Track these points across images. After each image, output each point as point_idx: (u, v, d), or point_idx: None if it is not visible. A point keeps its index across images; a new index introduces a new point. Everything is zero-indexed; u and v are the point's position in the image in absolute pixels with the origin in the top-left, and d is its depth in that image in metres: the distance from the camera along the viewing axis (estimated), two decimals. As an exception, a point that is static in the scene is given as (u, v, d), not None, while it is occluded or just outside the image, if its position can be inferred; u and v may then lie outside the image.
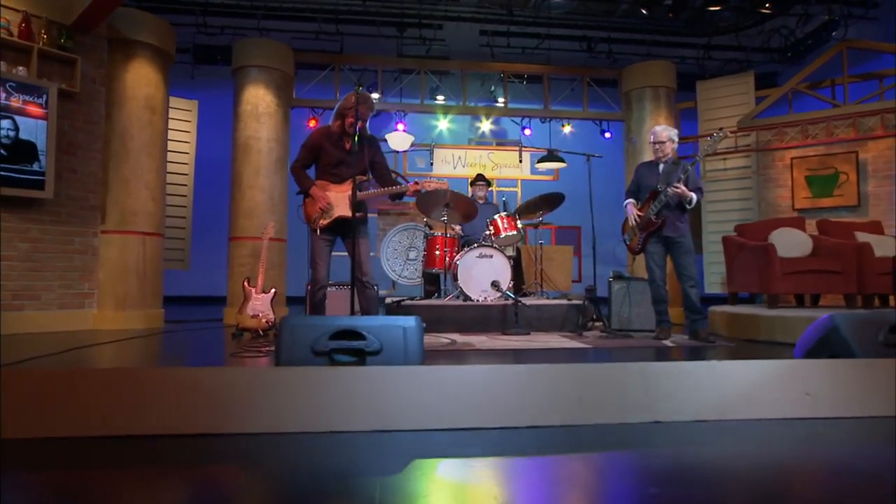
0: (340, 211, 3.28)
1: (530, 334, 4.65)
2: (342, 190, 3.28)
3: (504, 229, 5.23)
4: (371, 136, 3.48)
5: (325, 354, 2.03)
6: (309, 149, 3.43)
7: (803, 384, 2.01)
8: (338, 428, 1.82)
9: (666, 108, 6.41)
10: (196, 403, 1.76)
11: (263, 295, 4.44)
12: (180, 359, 3.54)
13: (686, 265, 4.10)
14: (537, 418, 1.87)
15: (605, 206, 9.68)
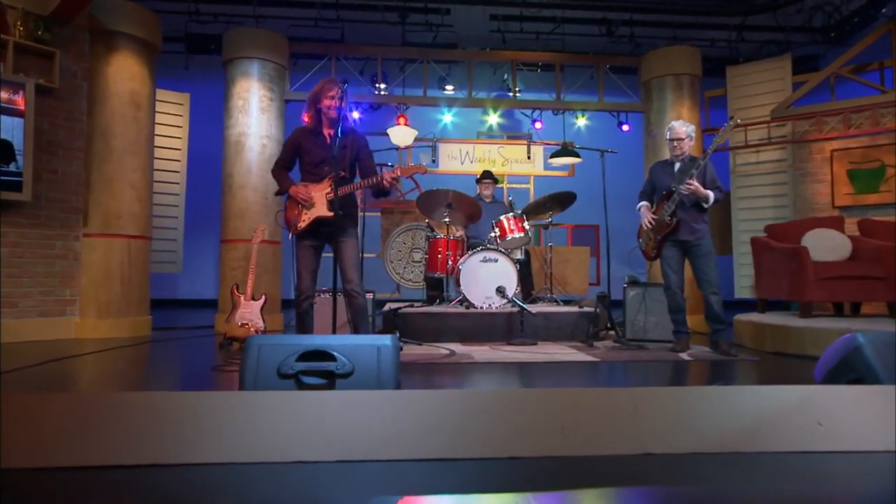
0: (318, 211, 3.25)
1: (537, 344, 4.63)
2: (321, 188, 3.27)
3: (510, 231, 5.20)
4: (353, 129, 3.44)
5: (291, 377, 2.02)
6: (288, 148, 3.43)
7: (815, 412, 1.94)
8: (302, 457, 1.81)
9: (689, 98, 6.29)
10: (148, 431, 1.76)
11: (253, 302, 4.46)
12: (161, 371, 3.58)
13: (705, 270, 4.02)
14: (517, 449, 1.84)
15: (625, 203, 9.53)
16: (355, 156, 3.36)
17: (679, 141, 4.13)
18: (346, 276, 3.29)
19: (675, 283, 4.14)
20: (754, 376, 3.49)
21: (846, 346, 2.30)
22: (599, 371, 3.56)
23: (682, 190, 3.87)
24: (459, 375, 3.44)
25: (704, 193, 3.89)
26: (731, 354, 3.96)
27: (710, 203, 3.94)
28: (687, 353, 4.11)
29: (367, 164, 3.40)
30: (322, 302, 4.42)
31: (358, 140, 3.39)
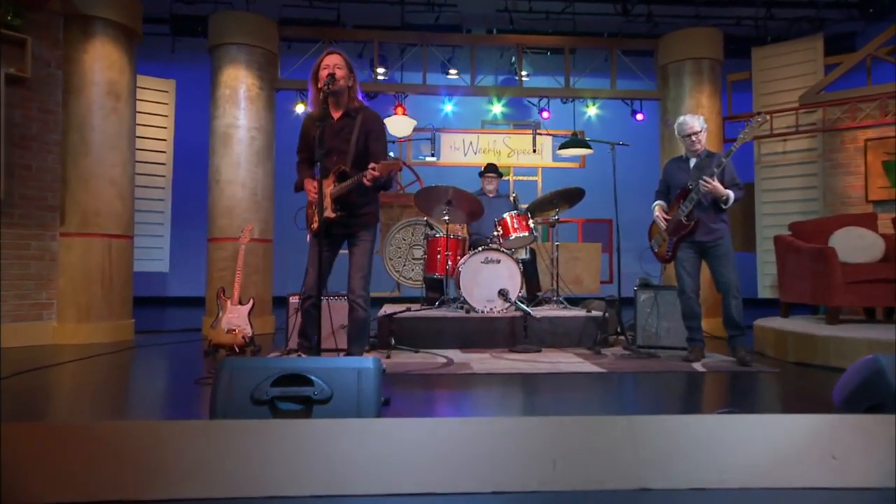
0: (326, 211, 3.15)
1: (541, 351, 4.62)
2: (328, 184, 3.14)
3: (514, 230, 5.16)
4: (364, 107, 3.19)
5: (266, 403, 2.01)
6: (301, 137, 3.32)
7: (829, 445, 1.90)
8: (277, 492, 1.80)
9: (710, 85, 6.18)
10: (109, 464, 1.76)
11: (240, 307, 4.48)
12: (140, 384, 3.60)
13: (724, 272, 3.98)
14: (503, 483, 1.82)
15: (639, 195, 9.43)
16: (363, 140, 3.15)
17: (695, 135, 4.06)
18: (348, 283, 3.23)
19: (689, 288, 4.10)
20: (773, 391, 3.45)
21: (867, 369, 2.25)
22: (605, 384, 3.53)
23: (701, 188, 3.81)
24: (454, 388, 3.42)
25: (724, 192, 3.82)
26: (747, 363, 3.92)
27: (730, 203, 3.88)
28: (701, 362, 4.07)
29: (377, 151, 3.17)
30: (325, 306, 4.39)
31: (367, 121, 3.16)
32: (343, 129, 3.20)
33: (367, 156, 3.18)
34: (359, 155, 3.18)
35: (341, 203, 3.15)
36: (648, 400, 3.18)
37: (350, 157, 3.17)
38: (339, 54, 3.16)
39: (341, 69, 3.11)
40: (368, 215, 3.28)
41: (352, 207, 3.17)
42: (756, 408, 2.94)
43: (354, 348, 3.33)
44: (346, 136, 3.18)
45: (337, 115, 3.22)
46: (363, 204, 3.24)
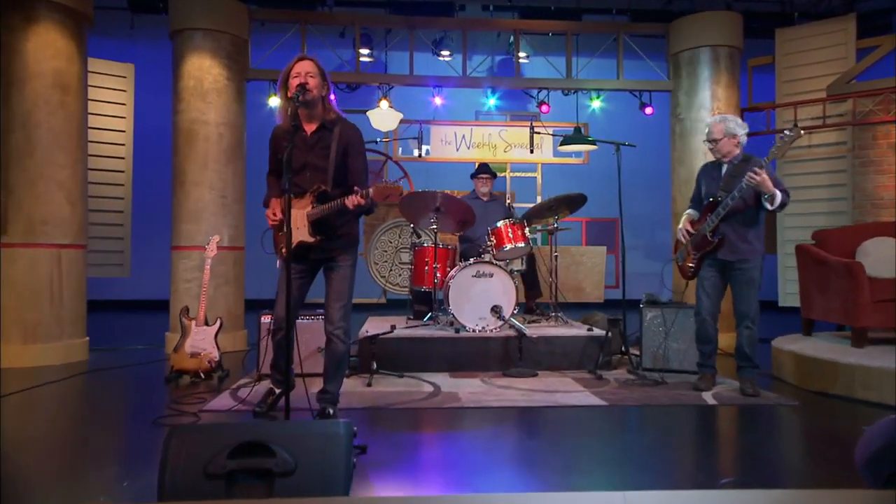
0: (300, 234, 3.10)
1: (537, 375, 4.60)
2: (302, 204, 3.09)
3: (509, 239, 5.11)
4: (342, 119, 3.13)
5: (221, 478, 1.94)
6: (270, 151, 3.27)
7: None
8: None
9: (727, 75, 6.09)
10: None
11: (206, 328, 4.41)
12: (91, 424, 3.52)
13: (743, 300, 3.94)
14: (486, 575, 1.77)
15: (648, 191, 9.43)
16: (343, 154, 3.10)
17: (714, 143, 3.99)
18: (326, 314, 3.19)
19: (706, 309, 4.06)
20: (789, 431, 3.42)
21: (890, 431, 2.20)
22: (606, 421, 3.49)
23: (747, 181, 3.69)
24: (440, 428, 3.37)
25: (771, 189, 3.70)
26: (748, 393, 3.89)
27: (776, 205, 3.75)
28: (712, 392, 4.04)
29: (356, 168, 3.12)
30: (301, 327, 4.32)
31: (346, 134, 3.10)
32: (318, 143, 3.14)
33: (346, 173, 3.13)
34: (337, 172, 3.13)
35: (319, 226, 3.08)
36: (653, 446, 3.13)
37: (329, 175, 3.12)
38: (311, 60, 3.09)
39: (314, 77, 3.05)
40: (348, 236, 3.23)
41: (330, 229, 3.13)
42: (768, 455, 2.90)
43: (332, 385, 3.29)
44: (322, 152, 3.13)
45: (311, 128, 3.15)
46: (342, 224, 3.18)
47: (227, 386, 4.22)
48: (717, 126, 3.98)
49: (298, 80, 3.00)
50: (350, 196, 2.96)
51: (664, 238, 10.99)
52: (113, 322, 8.37)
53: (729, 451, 3.13)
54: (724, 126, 3.96)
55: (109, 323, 8.10)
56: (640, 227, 10.37)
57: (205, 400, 3.79)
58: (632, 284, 4.98)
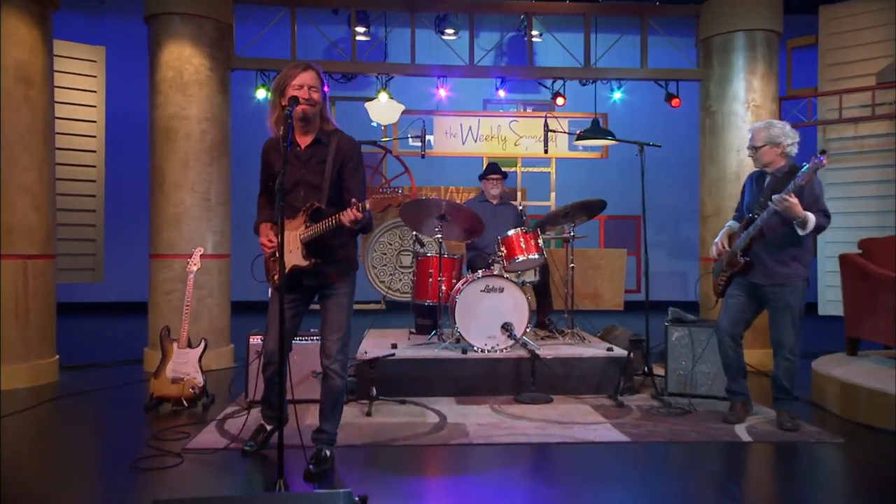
0: (292, 259, 3.06)
1: (552, 401, 4.59)
2: (294, 227, 3.07)
3: (521, 250, 5.06)
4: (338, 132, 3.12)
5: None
6: (262, 168, 3.24)
7: None
8: None
9: (764, 63, 5.96)
10: None
11: (189, 350, 4.38)
12: (56, 466, 3.47)
13: (779, 328, 3.90)
14: None
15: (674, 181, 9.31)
16: (340, 168, 3.08)
17: (754, 151, 3.92)
18: (322, 346, 3.17)
19: (724, 329, 4.05)
20: (834, 478, 3.37)
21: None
22: (629, 463, 3.45)
23: (774, 204, 3.64)
24: (445, 471, 3.35)
25: (801, 214, 3.64)
26: (786, 427, 3.85)
27: (808, 230, 3.69)
28: (745, 424, 4.00)
29: (354, 185, 3.10)
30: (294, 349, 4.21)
31: (343, 148, 3.09)
32: (313, 157, 3.11)
33: (342, 190, 3.10)
34: (333, 189, 3.10)
35: (313, 248, 3.04)
36: (681, 491, 3.10)
37: (324, 193, 3.08)
38: (314, 70, 3.07)
39: (317, 91, 3.02)
40: (346, 261, 3.20)
41: (326, 252, 3.09)
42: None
43: (329, 423, 3.28)
44: (316, 167, 3.10)
45: (305, 142, 3.11)
46: (339, 246, 3.15)
47: (213, 416, 4.19)
48: (760, 132, 3.90)
49: (302, 94, 2.96)
50: (345, 211, 2.91)
51: (689, 234, 10.92)
52: (84, 330, 8.35)
53: (765, 499, 3.09)
54: (768, 133, 3.87)
55: (80, 331, 8.09)
56: (664, 222, 10.30)
57: (188, 435, 3.76)
58: (654, 284, 4.92)
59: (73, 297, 8.96)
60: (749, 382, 4.21)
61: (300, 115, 2.97)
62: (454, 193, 7.84)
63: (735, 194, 5.77)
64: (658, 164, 4.90)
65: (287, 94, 2.97)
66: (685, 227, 10.37)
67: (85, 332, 8.30)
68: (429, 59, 6.62)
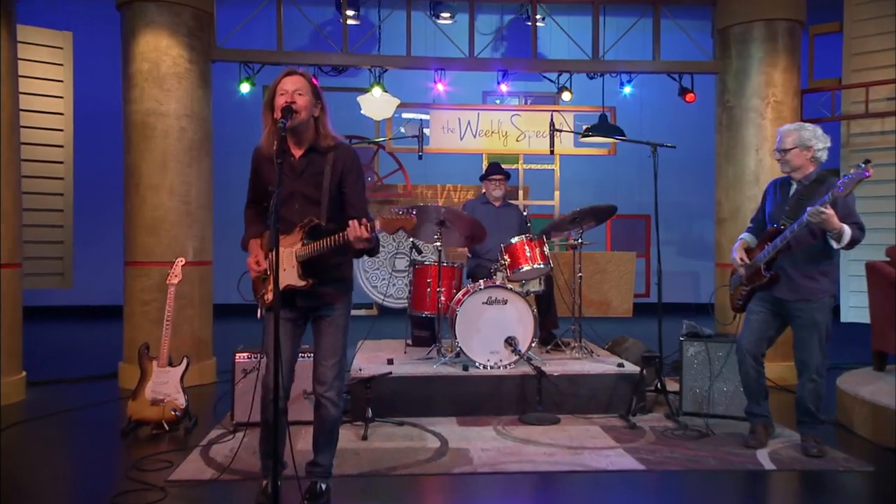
0: (288, 277, 3.00)
1: (559, 422, 4.59)
2: (289, 243, 3.00)
3: (526, 259, 5.05)
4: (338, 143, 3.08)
5: None
6: (251, 177, 3.19)
7: None
8: None
9: (786, 56, 5.92)
10: None
11: (170, 369, 4.34)
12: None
13: (804, 347, 3.88)
14: None
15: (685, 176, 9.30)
16: (340, 181, 3.04)
17: (783, 153, 3.88)
18: (316, 372, 3.11)
19: (745, 347, 4.03)
20: None
21: None
22: (644, 491, 3.46)
23: (808, 218, 3.61)
24: (446, 501, 3.32)
25: (837, 226, 3.61)
26: (811, 453, 3.85)
27: (843, 243, 3.67)
28: (768, 449, 4.00)
29: (355, 199, 3.05)
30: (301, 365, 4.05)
31: (343, 159, 3.04)
32: (308, 168, 3.05)
33: (341, 205, 3.06)
34: (333, 203, 3.05)
35: (310, 266, 2.99)
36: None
37: (323, 208, 3.03)
38: (301, 75, 3.01)
39: (303, 95, 2.96)
40: (343, 281, 3.15)
41: (323, 270, 3.03)
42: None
43: (323, 456, 3.23)
44: (312, 178, 3.04)
45: (298, 152, 3.06)
46: (337, 264, 3.09)
47: (197, 440, 4.16)
48: (790, 134, 3.87)
49: (285, 98, 2.91)
50: (351, 226, 2.84)
51: (701, 232, 10.96)
52: (51, 340, 8.28)
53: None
54: (799, 135, 3.84)
55: (47, 341, 8.02)
56: (674, 220, 10.30)
57: (171, 464, 3.72)
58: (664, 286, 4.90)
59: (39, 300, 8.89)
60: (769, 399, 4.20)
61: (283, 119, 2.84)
62: (451, 192, 7.82)
63: (754, 196, 5.82)
64: (668, 160, 4.87)
65: (276, 105, 2.94)
66: (697, 226, 10.40)
67: (52, 341, 8.22)
68: (424, 48, 6.58)
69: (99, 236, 8.88)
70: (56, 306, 9.86)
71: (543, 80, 6.95)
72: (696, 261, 10.12)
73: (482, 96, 8.06)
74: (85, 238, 7.67)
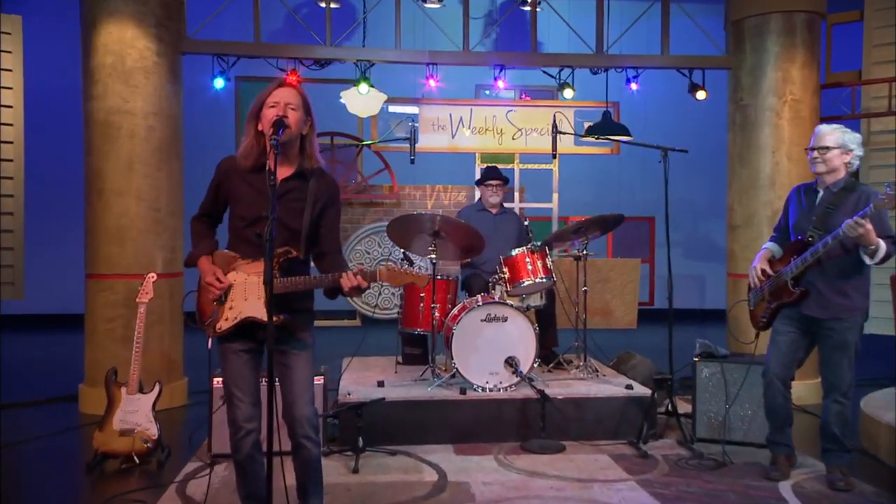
0: (250, 308, 2.96)
1: (564, 450, 4.60)
2: (258, 270, 2.93)
3: (528, 273, 5.06)
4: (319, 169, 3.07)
5: None
6: (210, 188, 3.12)
7: None
8: None
9: (804, 50, 5.92)
10: None
11: (141, 396, 4.30)
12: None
13: (833, 368, 3.90)
14: None
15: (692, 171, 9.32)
16: (319, 214, 3.04)
17: (823, 151, 3.86)
18: (291, 411, 3.02)
19: (775, 371, 4.03)
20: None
21: None
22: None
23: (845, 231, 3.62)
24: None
25: (874, 241, 3.63)
26: (841, 488, 3.86)
27: (877, 259, 3.69)
28: (791, 482, 4.02)
29: (332, 235, 3.08)
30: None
31: (327, 191, 3.05)
32: (288, 194, 2.99)
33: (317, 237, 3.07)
34: (310, 236, 3.04)
35: (279, 298, 2.89)
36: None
37: (302, 240, 3.00)
38: (294, 88, 2.98)
39: (295, 111, 2.92)
40: (310, 312, 3.14)
41: (289, 299, 2.95)
42: None
43: (313, 501, 3.18)
44: (293, 205, 2.99)
45: (282, 173, 2.99)
46: (305, 295, 3.06)
47: (172, 476, 4.12)
48: (833, 133, 3.86)
49: (276, 111, 2.86)
50: (347, 274, 2.84)
51: (707, 232, 11.00)
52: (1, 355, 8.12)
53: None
54: (842, 136, 3.84)
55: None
56: (679, 219, 10.21)
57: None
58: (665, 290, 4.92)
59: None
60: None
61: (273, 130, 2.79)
62: (441, 193, 7.80)
63: (769, 202, 5.86)
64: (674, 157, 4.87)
65: (263, 117, 2.89)
66: (702, 225, 10.45)
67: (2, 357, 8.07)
68: (413, 37, 6.54)
69: (52, 241, 8.75)
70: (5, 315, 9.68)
71: (541, 72, 6.96)
72: (702, 263, 10.16)
73: (475, 90, 8.01)
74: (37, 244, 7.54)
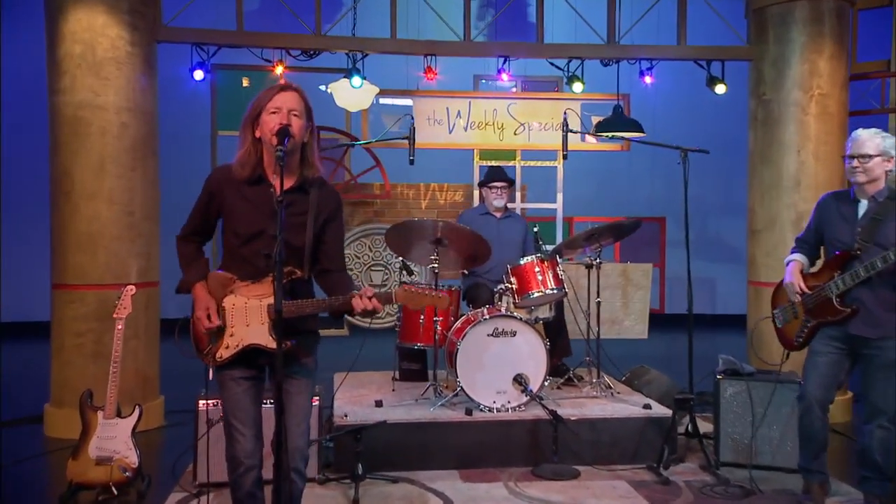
0: (253, 335, 2.94)
1: (579, 476, 4.60)
2: (259, 293, 2.94)
3: (537, 284, 5.05)
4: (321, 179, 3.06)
5: None
6: (200, 202, 3.08)
7: None
8: None
9: (833, 41, 5.92)
10: None
11: (119, 421, 4.24)
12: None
13: (880, 389, 3.87)
14: None
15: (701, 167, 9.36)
16: (321, 228, 3.01)
17: (862, 160, 3.84)
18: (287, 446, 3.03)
19: (814, 394, 3.99)
20: None
21: None
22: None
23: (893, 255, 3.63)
24: None
25: None
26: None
27: None
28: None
29: (333, 251, 3.06)
30: None
31: (330, 204, 3.03)
32: (290, 207, 2.96)
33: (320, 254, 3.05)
34: (314, 254, 3.03)
35: (291, 327, 2.88)
36: None
37: (306, 258, 2.98)
38: (297, 92, 2.93)
39: (298, 118, 2.89)
40: (316, 333, 3.14)
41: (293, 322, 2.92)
42: None
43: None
44: (294, 220, 2.96)
45: (279, 181, 2.95)
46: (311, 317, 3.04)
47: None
48: (874, 139, 3.84)
49: (279, 118, 2.82)
50: (360, 296, 2.80)
51: (718, 230, 11.02)
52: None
53: None
54: (883, 142, 3.83)
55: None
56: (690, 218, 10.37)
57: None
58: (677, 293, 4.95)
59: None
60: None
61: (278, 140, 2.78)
62: (437, 192, 7.78)
63: (793, 204, 5.87)
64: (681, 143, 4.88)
65: (262, 122, 2.84)
66: (713, 223, 10.48)
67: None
68: (406, 25, 6.46)
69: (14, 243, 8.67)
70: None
71: (543, 62, 6.94)
72: (714, 264, 10.15)
73: (473, 81, 7.98)
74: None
